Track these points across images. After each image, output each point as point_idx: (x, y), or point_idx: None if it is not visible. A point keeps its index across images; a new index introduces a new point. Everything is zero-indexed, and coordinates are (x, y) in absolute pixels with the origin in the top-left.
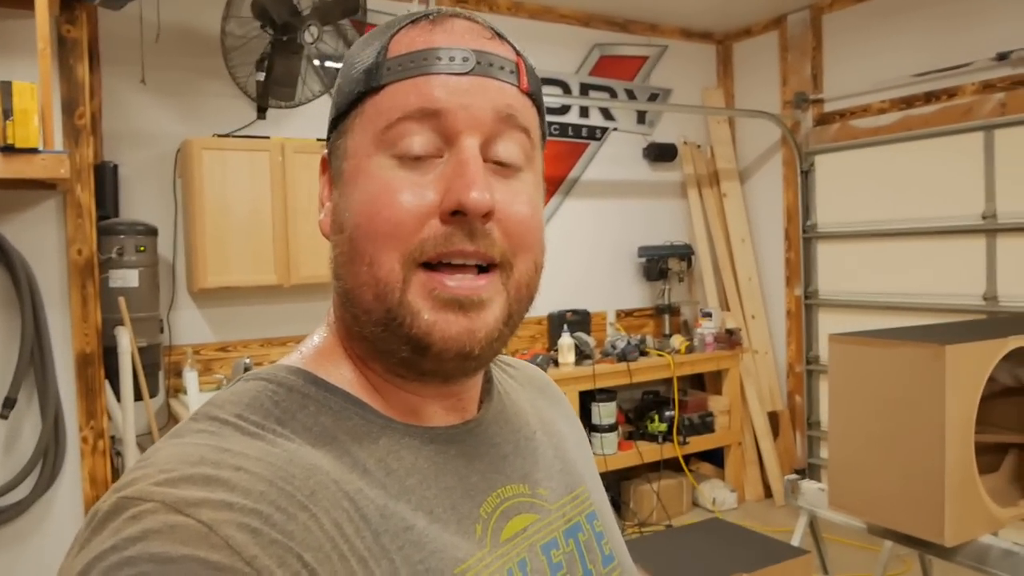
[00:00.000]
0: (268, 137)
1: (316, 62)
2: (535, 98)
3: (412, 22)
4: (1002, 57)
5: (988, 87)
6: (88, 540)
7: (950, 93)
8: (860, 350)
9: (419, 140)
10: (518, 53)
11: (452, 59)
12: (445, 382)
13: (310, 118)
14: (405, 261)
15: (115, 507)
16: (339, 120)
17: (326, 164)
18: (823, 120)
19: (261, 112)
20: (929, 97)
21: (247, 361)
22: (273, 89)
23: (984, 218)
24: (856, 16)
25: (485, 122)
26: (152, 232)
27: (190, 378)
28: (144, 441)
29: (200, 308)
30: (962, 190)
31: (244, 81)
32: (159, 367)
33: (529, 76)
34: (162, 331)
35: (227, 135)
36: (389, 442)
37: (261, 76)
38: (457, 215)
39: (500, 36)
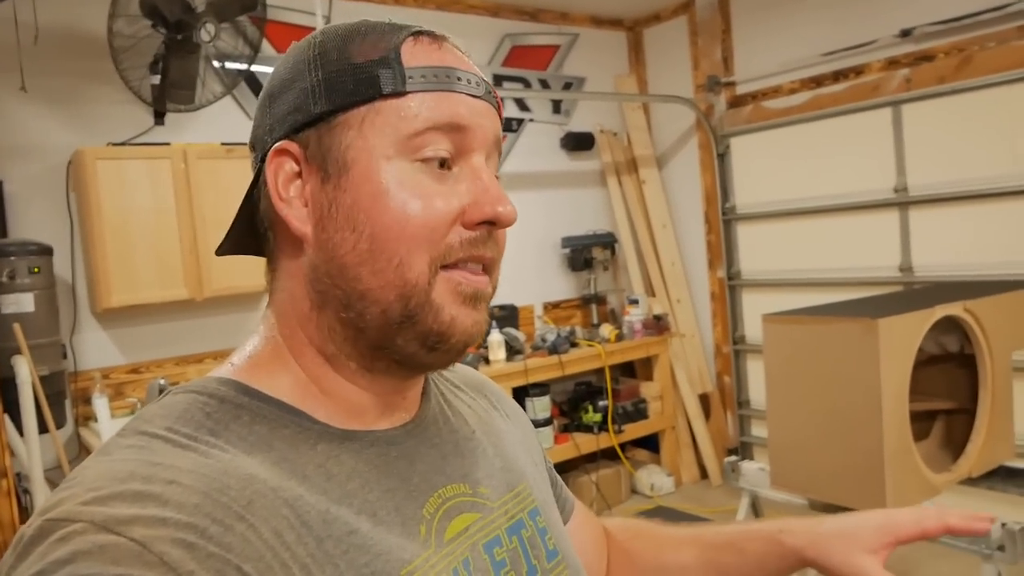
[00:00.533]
0: (168, 144)
1: (216, 63)
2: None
3: (413, 35)
4: (905, 34)
5: (893, 64)
6: (13, 567)
7: (857, 71)
8: (793, 329)
9: (444, 150)
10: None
11: (469, 82)
12: (417, 376)
13: (210, 122)
14: (432, 262)
15: (41, 530)
16: (330, 113)
17: (288, 155)
18: (736, 102)
19: (159, 117)
20: (837, 76)
21: (162, 382)
22: (170, 92)
23: (896, 191)
24: None
25: (489, 142)
26: (46, 251)
27: (100, 404)
28: (53, 476)
29: (106, 329)
30: (874, 165)
31: (137, 85)
32: (64, 395)
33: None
34: (65, 356)
35: (123, 143)
36: (328, 447)
37: (156, 79)
38: (485, 224)
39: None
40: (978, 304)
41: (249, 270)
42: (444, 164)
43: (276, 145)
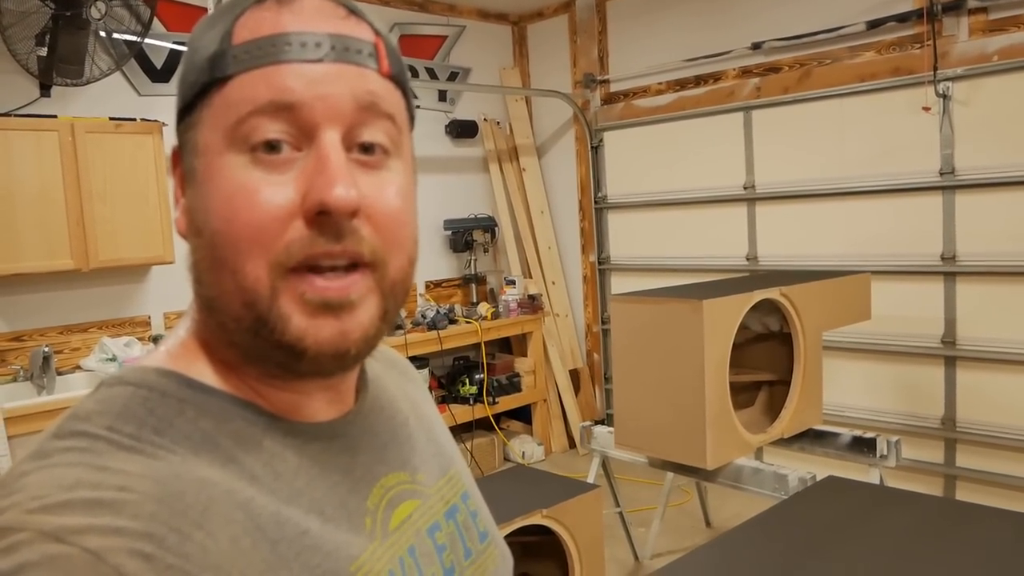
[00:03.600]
0: (55, 116)
1: (103, 34)
2: (399, 80)
3: (257, 2)
4: (756, 46)
5: (746, 72)
6: None
7: (716, 77)
8: (635, 307)
9: (274, 135)
10: (377, 32)
11: (304, 45)
12: (324, 379)
13: (100, 96)
14: (271, 268)
15: None
16: (186, 112)
17: (177, 158)
18: (609, 99)
19: (44, 90)
20: (699, 80)
21: (45, 349)
22: (59, 67)
23: (745, 188)
24: (635, 4)
25: (345, 112)
26: None
27: None
28: None
29: None
30: (727, 164)
31: (25, 57)
32: None
33: (390, 57)
34: None
35: (8, 114)
36: (273, 444)
37: (43, 51)
38: (321, 215)
39: (356, 14)
40: (792, 290)
41: (135, 242)
42: (278, 148)
43: (173, 147)
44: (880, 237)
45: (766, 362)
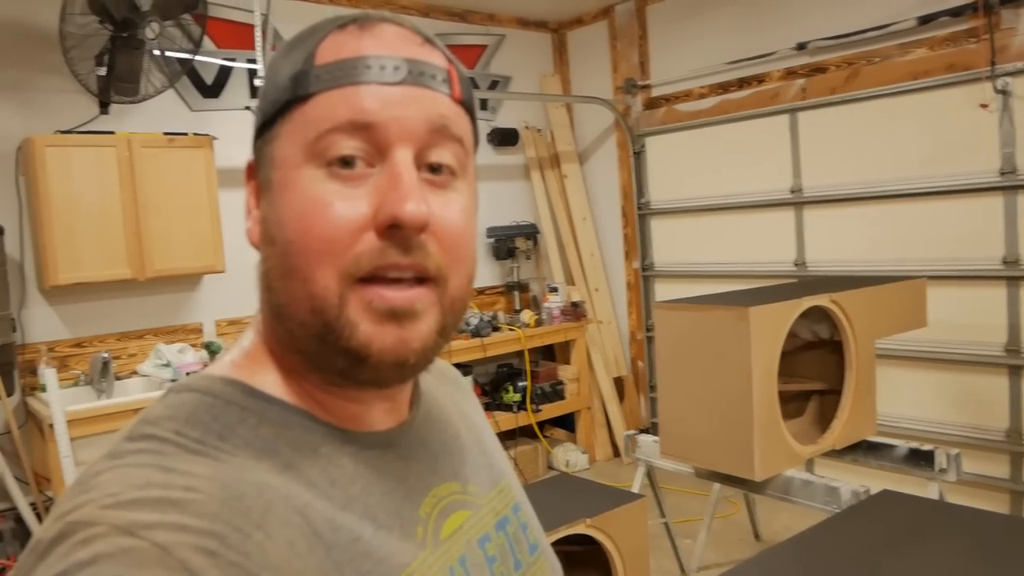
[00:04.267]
0: (113, 132)
1: (158, 52)
2: (468, 106)
3: (339, 27)
4: (801, 47)
5: (791, 74)
6: (33, 568)
7: (759, 79)
8: (680, 315)
9: (350, 152)
10: (449, 60)
11: (383, 68)
12: (382, 388)
13: (155, 113)
14: (341, 277)
15: (62, 532)
16: (266, 127)
17: (252, 171)
18: (651, 104)
19: (104, 107)
20: (742, 83)
21: (105, 356)
22: (116, 85)
23: (792, 192)
24: (676, 7)
25: (418, 133)
26: None
27: (48, 375)
28: (2, 441)
29: (53, 305)
30: (773, 167)
31: (85, 77)
32: (13, 366)
33: (461, 84)
34: (14, 330)
35: (70, 131)
36: (329, 451)
37: (102, 71)
38: (392, 228)
39: (430, 42)
40: (843, 296)
41: (188, 252)
42: (352, 164)
43: (249, 160)
44: (936, 240)
45: (816, 371)
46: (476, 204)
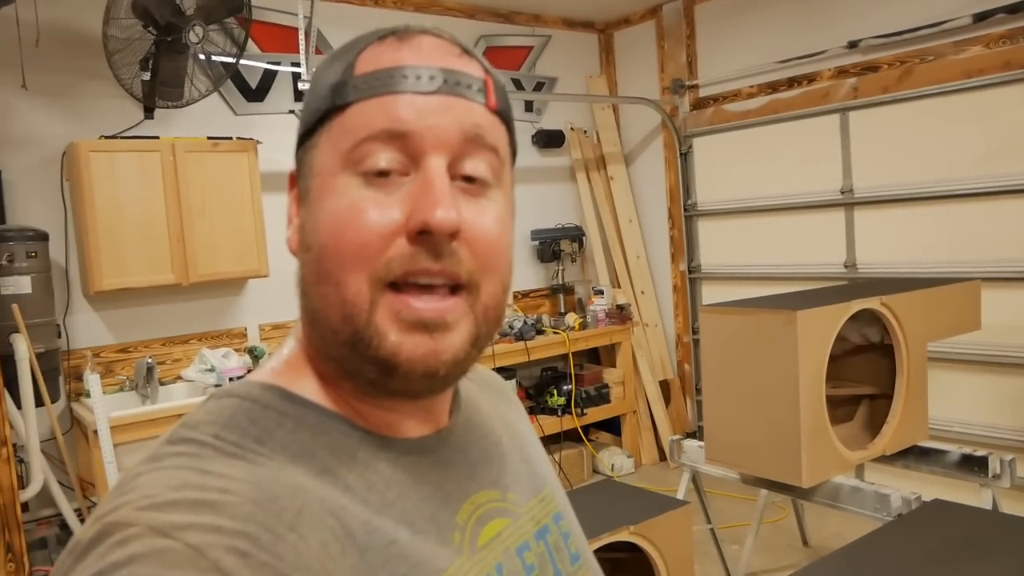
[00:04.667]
0: (158, 137)
1: (202, 56)
2: (504, 116)
3: (379, 39)
4: (852, 45)
5: (842, 72)
6: (71, 568)
7: (810, 78)
8: (726, 318)
9: (385, 160)
10: (487, 71)
11: (419, 78)
12: (414, 399)
13: (199, 117)
14: (372, 282)
15: (99, 533)
16: (307, 136)
17: (294, 180)
18: (698, 105)
19: (148, 112)
20: (792, 82)
21: (149, 361)
22: (160, 90)
23: (842, 193)
24: (724, 6)
25: (452, 142)
26: (42, 237)
27: (92, 381)
28: (48, 447)
29: (97, 311)
30: (823, 168)
31: (129, 82)
32: (59, 372)
33: (497, 94)
34: (59, 336)
35: (114, 136)
36: (367, 456)
37: (147, 76)
38: (423, 234)
39: (468, 53)
40: (894, 299)
41: (232, 257)
42: (387, 174)
43: (291, 170)
44: (991, 242)
45: (866, 375)
46: (513, 214)
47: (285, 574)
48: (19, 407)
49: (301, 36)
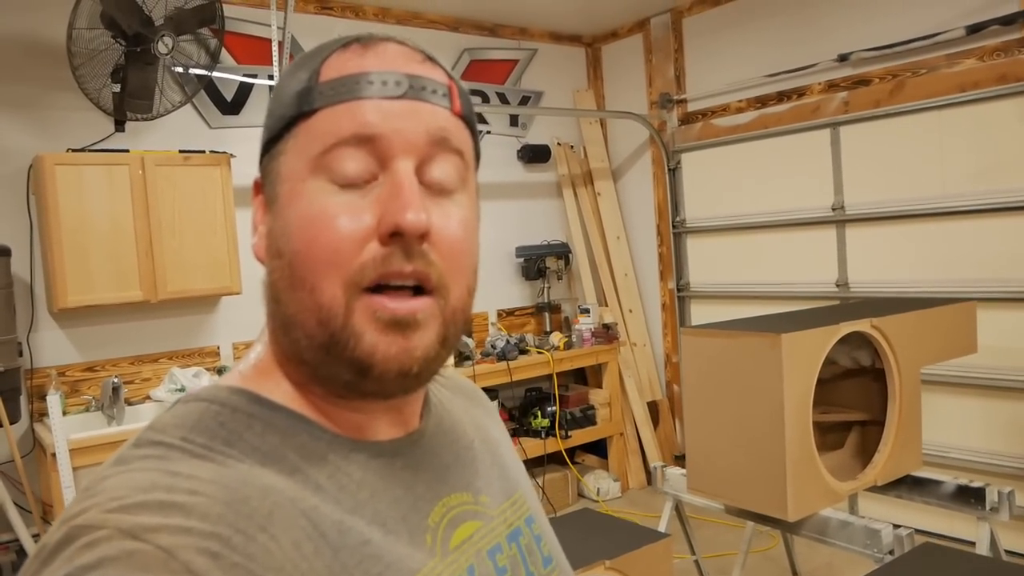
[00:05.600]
0: (127, 151)
1: (179, 69)
2: (468, 120)
3: (343, 46)
4: (843, 58)
5: (832, 86)
6: (37, 572)
7: (800, 92)
8: (708, 341)
9: (354, 164)
10: (450, 77)
11: (385, 83)
12: (387, 400)
13: (173, 130)
14: (347, 286)
15: (66, 536)
16: (271, 143)
17: (259, 187)
18: (687, 119)
19: (119, 125)
20: (781, 96)
21: (115, 380)
22: (128, 102)
23: (834, 210)
24: (713, 20)
25: (419, 145)
26: (4, 252)
27: (52, 401)
28: (7, 469)
29: (63, 328)
30: (814, 184)
31: (96, 94)
32: (19, 392)
33: (462, 99)
34: (21, 354)
35: (82, 149)
36: (337, 457)
37: (116, 88)
38: (395, 236)
39: (431, 60)
40: (885, 321)
41: (204, 274)
42: (357, 178)
43: (256, 178)
44: (987, 261)
45: (858, 400)
46: (478, 217)
47: (257, 575)
48: None
49: (275, 47)
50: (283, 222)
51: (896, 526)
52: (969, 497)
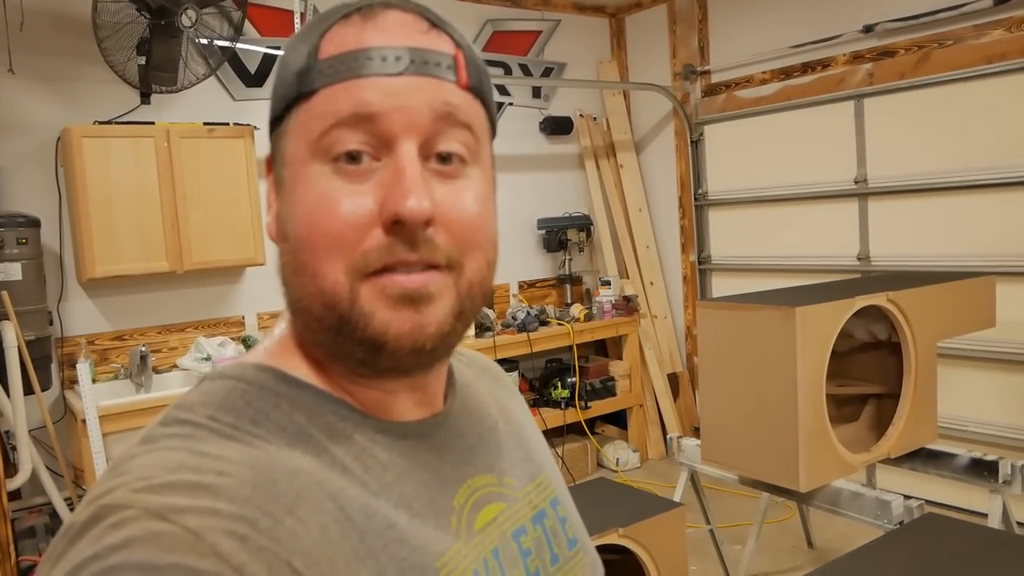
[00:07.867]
0: (152, 123)
1: (203, 41)
2: (478, 91)
3: (343, 16)
4: (868, 29)
5: (857, 58)
6: (64, 551)
7: (824, 64)
8: (723, 314)
9: (354, 144)
10: (457, 44)
11: (384, 59)
12: (404, 376)
13: (197, 102)
14: (350, 272)
15: (94, 516)
16: (277, 122)
17: (270, 165)
18: (710, 91)
19: (144, 98)
20: (805, 68)
21: (143, 349)
22: (153, 74)
23: (856, 183)
24: None
25: (422, 123)
26: (34, 223)
27: (82, 369)
28: (39, 435)
29: (92, 298)
30: (837, 156)
31: (122, 67)
32: (50, 359)
33: (469, 69)
34: (52, 323)
35: (109, 122)
36: (363, 439)
37: (141, 61)
38: (397, 224)
39: (438, 27)
40: (902, 295)
41: (228, 245)
42: (358, 159)
43: (267, 155)
44: (1009, 235)
45: (874, 373)
46: (494, 189)
47: (284, 558)
48: (8, 394)
49: (297, 19)
50: (288, 207)
51: (907, 497)
52: (982, 470)
